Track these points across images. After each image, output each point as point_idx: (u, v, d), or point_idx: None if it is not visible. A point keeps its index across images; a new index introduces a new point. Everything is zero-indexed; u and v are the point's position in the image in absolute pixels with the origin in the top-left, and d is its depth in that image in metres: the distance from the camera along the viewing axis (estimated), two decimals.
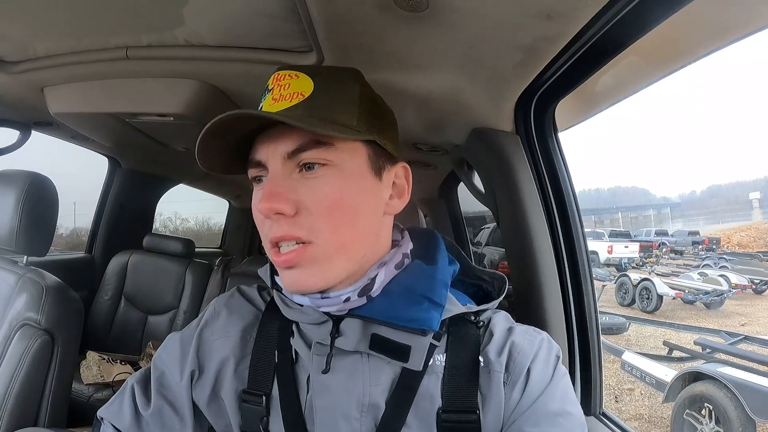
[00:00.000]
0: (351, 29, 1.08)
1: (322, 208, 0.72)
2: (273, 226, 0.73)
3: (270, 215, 0.71)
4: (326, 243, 0.73)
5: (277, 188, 0.72)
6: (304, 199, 0.72)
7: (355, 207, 0.76)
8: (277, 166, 0.73)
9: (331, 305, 0.76)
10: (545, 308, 1.35)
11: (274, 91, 0.77)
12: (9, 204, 1.64)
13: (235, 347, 0.85)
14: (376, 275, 0.77)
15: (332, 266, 0.74)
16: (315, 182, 0.73)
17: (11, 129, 2.20)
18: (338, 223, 0.74)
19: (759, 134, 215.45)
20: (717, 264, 15.22)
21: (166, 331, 3.07)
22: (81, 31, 1.32)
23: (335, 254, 0.74)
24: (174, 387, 0.86)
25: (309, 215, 0.72)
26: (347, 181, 0.75)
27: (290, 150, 0.72)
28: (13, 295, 1.60)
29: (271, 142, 0.74)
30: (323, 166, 0.74)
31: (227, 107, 1.63)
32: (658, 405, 5.61)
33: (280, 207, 0.70)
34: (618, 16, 0.93)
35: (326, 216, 0.73)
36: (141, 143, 2.16)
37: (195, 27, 1.22)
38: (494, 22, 0.99)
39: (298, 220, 0.72)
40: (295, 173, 0.74)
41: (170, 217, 12.44)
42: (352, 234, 0.76)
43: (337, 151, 0.74)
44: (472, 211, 5.10)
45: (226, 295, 0.94)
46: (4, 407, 1.46)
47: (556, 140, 1.42)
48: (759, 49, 71.79)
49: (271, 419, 0.80)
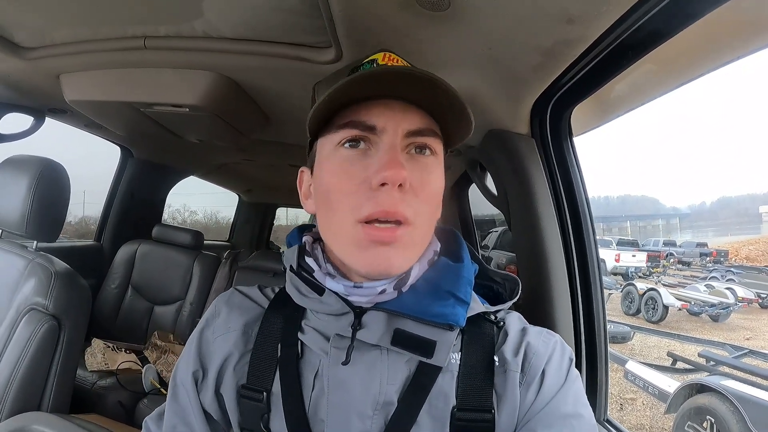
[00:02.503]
0: (371, 26, 1.08)
1: (425, 194, 0.72)
2: (380, 198, 0.69)
3: (395, 184, 0.68)
4: (422, 228, 0.73)
5: (400, 159, 0.70)
6: (412, 180, 0.70)
7: (440, 201, 0.77)
8: (398, 138, 0.71)
9: (364, 296, 0.74)
10: (554, 313, 1.34)
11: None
12: (21, 189, 1.65)
13: (237, 342, 0.83)
14: (411, 269, 0.76)
15: (417, 252, 0.75)
16: (425, 167, 0.73)
17: (25, 115, 2.21)
18: (431, 212, 0.74)
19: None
20: (724, 277, 15.18)
21: (171, 322, 3.09)
22: (99, 19, 1.32)
23: (421, 241, 0.75)
24: (182, 397, 0.84)
25: (415, 197, 0.71)
26: (441, 175, 0.77)
27: (413, 128, 0.72)
28: (21, 279, 1.61)
29: (393, 112, 0.72)
30: (431, 155, 0.74)
31: (243, 100, 1.64)
32: (660, 416, 5.59)
33: (407, 178, 0.69)
34: (639, 22, 0.93)
35: (427, 202, 0.73)
36: (154, 133, 2.16)
37: (214, 19, 1.23)
38: (515, 23, 0.98)
39: (406, 197, 0.70)
40: (404, 153, 0.72)
41: (179, 209, 12.52)
42: (431, 226, 0.77)
43: (440, 145, 0.76)
44: (481, 214, 5.09)
45: (226, 294, 0.92)
46: (8, 391, 1.46)
47: (571, 145, 1.41)
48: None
49: (272, 416, 0.78)
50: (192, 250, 3.27)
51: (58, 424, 1.27)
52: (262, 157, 3.22)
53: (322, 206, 0.77)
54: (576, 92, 1.27)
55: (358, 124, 0.72)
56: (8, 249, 1.69)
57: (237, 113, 1.80)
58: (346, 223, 0.71)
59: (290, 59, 1.32)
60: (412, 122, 0.72)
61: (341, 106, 0.73)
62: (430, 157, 0.74)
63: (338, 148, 0.73)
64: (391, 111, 0.71)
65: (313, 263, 0.79)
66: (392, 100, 0.72)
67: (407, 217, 0.69)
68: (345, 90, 0.68)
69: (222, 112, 1.73)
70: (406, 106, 0.72)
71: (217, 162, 3.56)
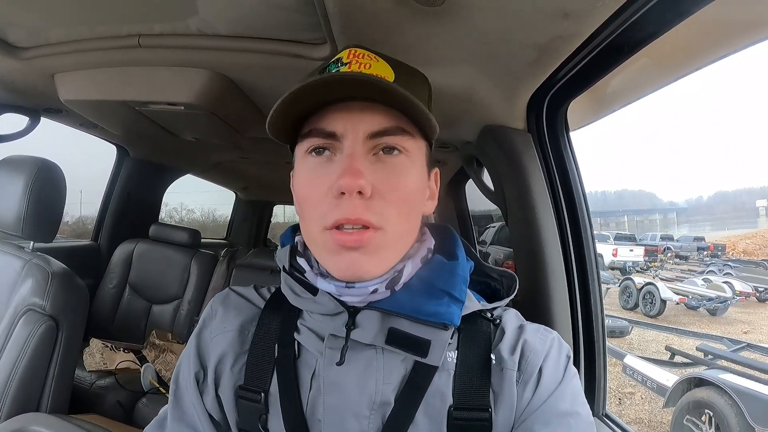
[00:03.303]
0: (366, 22, 1.07)
1: (395, 196, 0.71)
2: (343, 206, 0.68)
3: (352, 192, 0.67)
4: (393, 232, 0.71)
5: (359, 165, 0.68)
6: (378, 184, 0.69)
7: (415, 201, 0.75)
8: (357, 142, 0.70)
9: (356, 296, 0.73)
10: (552, 308, 1.34)
11: (352, 65, 0.74)
12: (17, 189, 1.65)
13: (233, 342, 0.83)
14: (403, 268, 0.75)
15: (390, 256, 0.73)
16: (393, 168, 0.72)
17: (20, 115, 2.19)
18: (404, 213, 0.72)
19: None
20: (721, 270, 15.23)
21: (170, 321, 3.09)
22: (93, 18, 1.31)
23: (395, 245, 0.73)
24: (186, 402, 0.83)
25: (381, 200, 0.70)
26: (416, 174, 0.75)
27: (375, 130, 0.70)
28: (18, 280, 1.61)
29: (352, 115, 0.70)
30: (401, 154, 0.73)
31: (239, 97, 1.64)
32: (659, 410, 5.61)
33: (364, 185, 0.67)
34: (634, 17, 0.93)
35: (397, 204, 0.71)
36: (150, 132, 2.15)
37: (208, 16, 1.22)
38: (510, 19, 0.98)
39: (372, 204, 0.69)
40: (370, 155, 0.71)
41: (176, 208, 12.50)
42: (409, 227, 0.75)
43: (413, 142, 0.74)
44: (478, 210, 5.09)
45: (222, 295, 0.91)
46: (6, 392, 1.46)
47: (567, 139, 1.41)
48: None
49: (270, 417, 0.77)
50: (189, 248, 3.27)
51: (57, 425, 1.27)
52: (258, 154, 3.21)
53: (298, 213, 0.78)
54: (572, 87, 1.27)
55: (319, 132, 0.71)
56: (5, 250, 1.69)
57: (233, 111, 1.79)
58: (315, 231, 0.72)
59: (285, 56, 1.31)
60: (372, 123, 0.70)
61: (304, 113, 0.73)
62: (399, 156, 0.72)
63: (306, 156, 0.74)
64: (348, 114, 0.70)
65: (304, 263, 0.78)
66: (351, 102, 0.71)
67: (372, 223, 0.68)
68: (294, 100, 0.69)
69: (218, 110, 1.72)
70: (365, 106, 0.70)
71: (213, 160, 3.55)
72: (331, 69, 0.75)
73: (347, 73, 0.69)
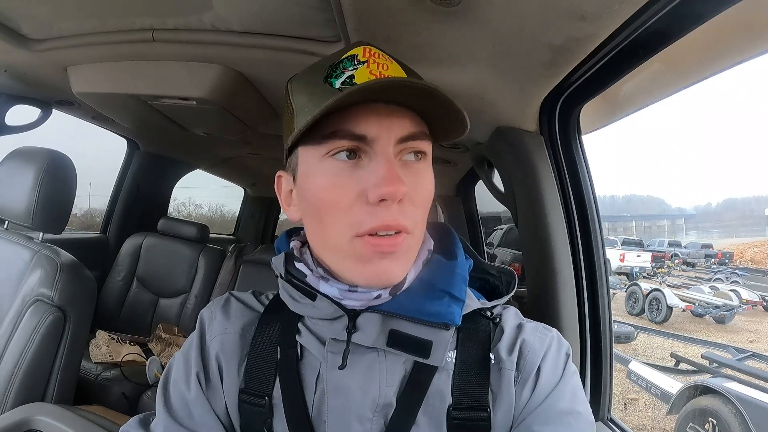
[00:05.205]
0: (381, 21, 1.07)
1: (420, 200, 0.71)
2: (380, 213, 0.66)
3: (395, 200, 0.66)
4: (418, 235, 0.71)
5: (397, 171, 0.67)
6: (408, 189, 0.67)
7: (430, 203, 0.75)
8: (390, 146, 0.68)
9: (358, 300, 0.72)
10: (559, 311, 1.34)
11: (370, 65, 0.71)
12: (27, 180, 1.65)
13: (235, 345, 0.82)
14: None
15: (412, 258, 0.73)
16: (417, 173, 0.71)
17: (32, 107, 2.21)
18: (425, 216, 0.72)
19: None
20: (729, 278, 15.17)
21: (176, 315, 3.10)
22: (107, 11, 1.32)
23: (416, 247, 0.73)
24: (185, 400, 0.80)
25: (412, 205, 0.69)
26: (432, 176, 0.74)
27: (405, 134, 0.68)
28: (27, 270, 1.61)
29: (382, 118, 0.67)
30: (424, 159, 0.72)
31: (251, 93, 1.64)
32: (662, 416, 5.58)
33: (406, 193, 0.67)
34: (651, 20, 0.92)
35: (422, 208, 0.71)
36: (161, 126, 2.16)
37: (222, 12, 1.22)
38: (526, 19, 0.98)
39: (404, 208, 0.68)
40: (397, 160, 0.69)
41: (184, 202, 12.54)
42: (424, 229, 0.75)
43: (430, 146, 0.74)
44: (486, 212, 5.09)
45: (221, 300, 0.89)
46: (12, 381, 1.47)
47: (579, 143, 1.41)
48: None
49: (274, 421, 0.77)
50: (197, 243, 3.27)
51: (62, 415, 1.27)
52: (267, 150, 3.22)
53: (311, 218, 0.74)
54: (585, 90, 1.26)
55: (345, 134, 0.67)
56: (14, 240, 1.70)
57: (244, 106, 1.80)
58: (342, 238, 0.69)
59: (299, 53, 1.31)
60: (403, 128, 0.68)
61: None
62: (421, 161, 0.72)
63: (326, 159, 0.69)
64: (378, 117, 0.67)
65: (304, 268, 0.76)
66: (374, 104, 0.67)
67: (407, 227, 0.68)
68: (336, 104, 0.64)
69: (229, 106, 1.72)
70: (393, 109, 0.68)
71: (222, 155, 3.57)
72: (346, 65, 0.72)
73: (397, 78, 0.67)
